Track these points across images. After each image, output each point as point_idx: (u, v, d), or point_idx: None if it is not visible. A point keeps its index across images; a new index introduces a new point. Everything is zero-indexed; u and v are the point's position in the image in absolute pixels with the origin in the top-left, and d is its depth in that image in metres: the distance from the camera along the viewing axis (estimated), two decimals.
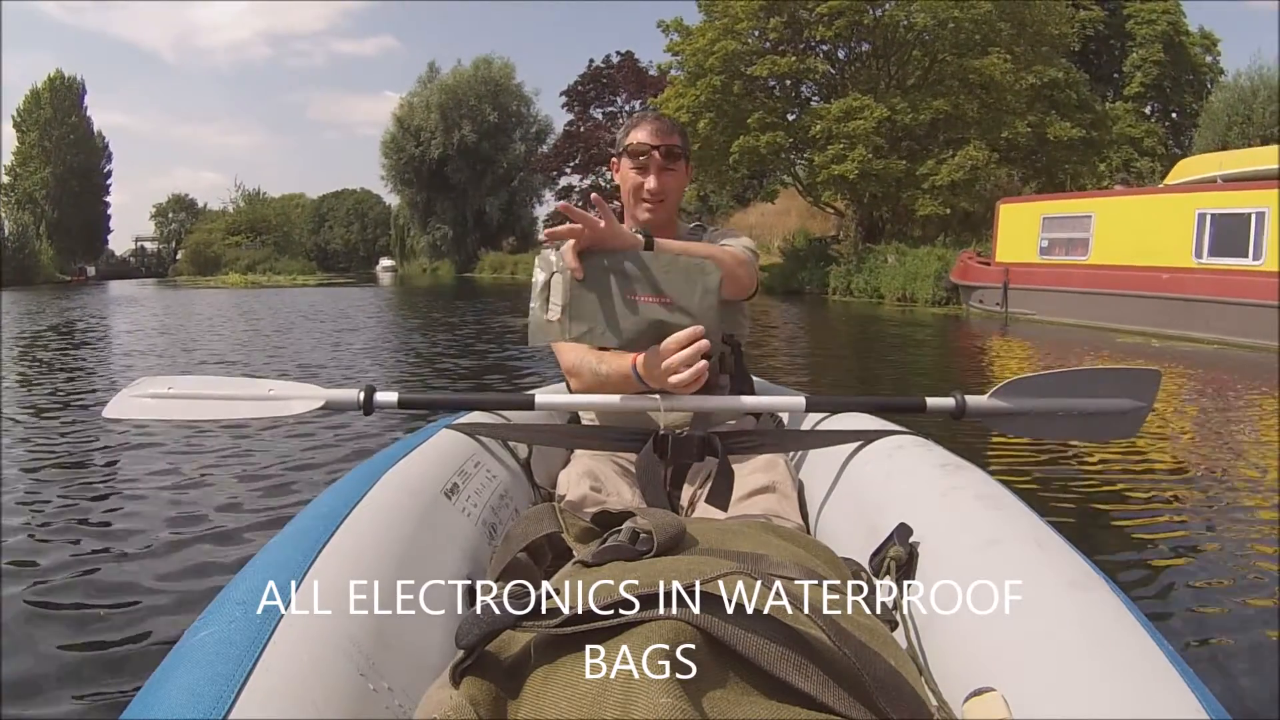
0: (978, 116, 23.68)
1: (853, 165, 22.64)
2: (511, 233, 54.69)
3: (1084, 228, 14.31)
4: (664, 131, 2.01)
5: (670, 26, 27.16)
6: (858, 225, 26.02)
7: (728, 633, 0.73)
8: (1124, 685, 0.83)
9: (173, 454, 4.26)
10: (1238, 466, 4.36)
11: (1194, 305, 11.98)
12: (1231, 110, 28.24)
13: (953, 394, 1.85)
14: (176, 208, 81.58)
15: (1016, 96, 23.74)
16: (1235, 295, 11.46)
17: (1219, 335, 11.45)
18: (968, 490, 1.36)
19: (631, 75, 44.99)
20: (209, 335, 12.59)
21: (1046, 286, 14.54)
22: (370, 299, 25.55)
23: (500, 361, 9.12)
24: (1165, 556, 2.96)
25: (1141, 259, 13.00)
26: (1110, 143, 29.29)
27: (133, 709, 0.75)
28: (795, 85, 26.87)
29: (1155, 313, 12.53)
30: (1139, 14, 34.40)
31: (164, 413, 1.79)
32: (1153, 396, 1.85)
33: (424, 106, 52.85)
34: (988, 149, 23.12)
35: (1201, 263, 12.21)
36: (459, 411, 1.93)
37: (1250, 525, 3.36)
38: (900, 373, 8.90)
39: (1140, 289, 12.81)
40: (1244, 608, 2.52)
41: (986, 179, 23.98)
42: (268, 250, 65.05)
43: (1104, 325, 13.13)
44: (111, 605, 2.41)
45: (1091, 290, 13.63)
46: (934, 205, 22.87)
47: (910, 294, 19.97)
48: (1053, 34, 24.63)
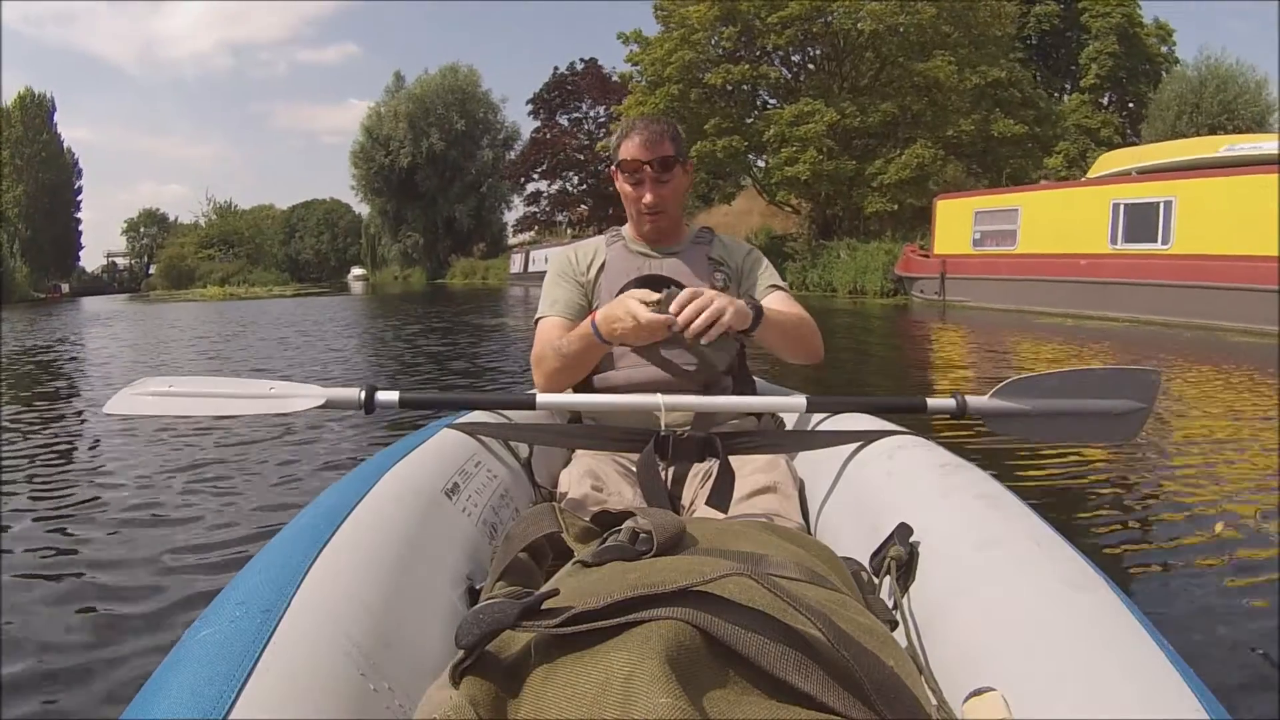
0: (924, 117, 24.76)
1: (804, 167, 23.76)
2: (482, 238, 55.18)
3: (1012, 220, 15.45)
4: (654, 142, 1.98)
5: (630, 38, 28.10)
6: (811, 223, 27.01)
7: (728, 633, 0.74)
8: (1124, 685, 0.83)
9: (173, 454, 4.23)
10: (1236, 466, 4.35)
11: (1108, 288, 13.05)
12: (1180, 100, 28.98)
13: (953, 394, 1.86)
14: (148, 222, 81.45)
15: (961, 96, 24.79)
16: (1145, 277, 12.51)
17: (1130, 314, 12.50)
18: (968, 490, 1.36)
19: (596, 82, 45.77)
20: (232, 345, 12.40)
21: (979, 275, 15.67)
22: (357, 306, 25.77)
23: (494, 351, 9.79)
24: (1165, 556, 2.95)
25: (1062, 247, 14.13)
26: (1056, 137, 30.23)
27: (133, 709, 0.76)
28: (752, 91, 27.84)
29: (1074, 296, 13.61)
30: (1093, 7, 35.06)
31: (164, 410, 1.80)
32: (1153, 397, 1.86)
33: (392, 116, 53.22)
34: (934, 147, 24.17)
35: (1116, 249, 13.31)
36: (459, 411, 1.93)
37: (1250, 524, 3.31)
38: (857, 357, 9.16)
39: (1061, 274, 13.92)
40: (1244, 607, 2.51)
41: (936, 176, 24.86)
42: (240, 263, 65.42)
43: (1030, 309, 14.20)
44: (111, 605, 2.39)
45: (1018, 277, 14.74)
46: (882, 203, 24.00)
47: (861, 287, 21.05)
48: (996, 35, 25.68)
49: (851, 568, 1.21)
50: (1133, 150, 16.92)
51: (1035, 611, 0.98)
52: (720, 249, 2.14)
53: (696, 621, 0.74)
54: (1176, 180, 12.80)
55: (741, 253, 2.17)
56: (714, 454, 1.63)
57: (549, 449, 2.01)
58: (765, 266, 2.17)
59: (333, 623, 0.92)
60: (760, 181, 28.32)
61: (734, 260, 2.14)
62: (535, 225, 49.41)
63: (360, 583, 1.02)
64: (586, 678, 0.70)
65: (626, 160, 1.99)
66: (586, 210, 46.93)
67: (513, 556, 1.19)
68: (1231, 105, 28.30)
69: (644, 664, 0.68)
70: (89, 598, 2.46)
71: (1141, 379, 1.86)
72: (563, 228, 47.53)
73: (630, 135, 2.00)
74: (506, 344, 10.96)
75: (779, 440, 1.90)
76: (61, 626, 2.27)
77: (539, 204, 49.20)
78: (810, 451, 1.89)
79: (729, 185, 30.38)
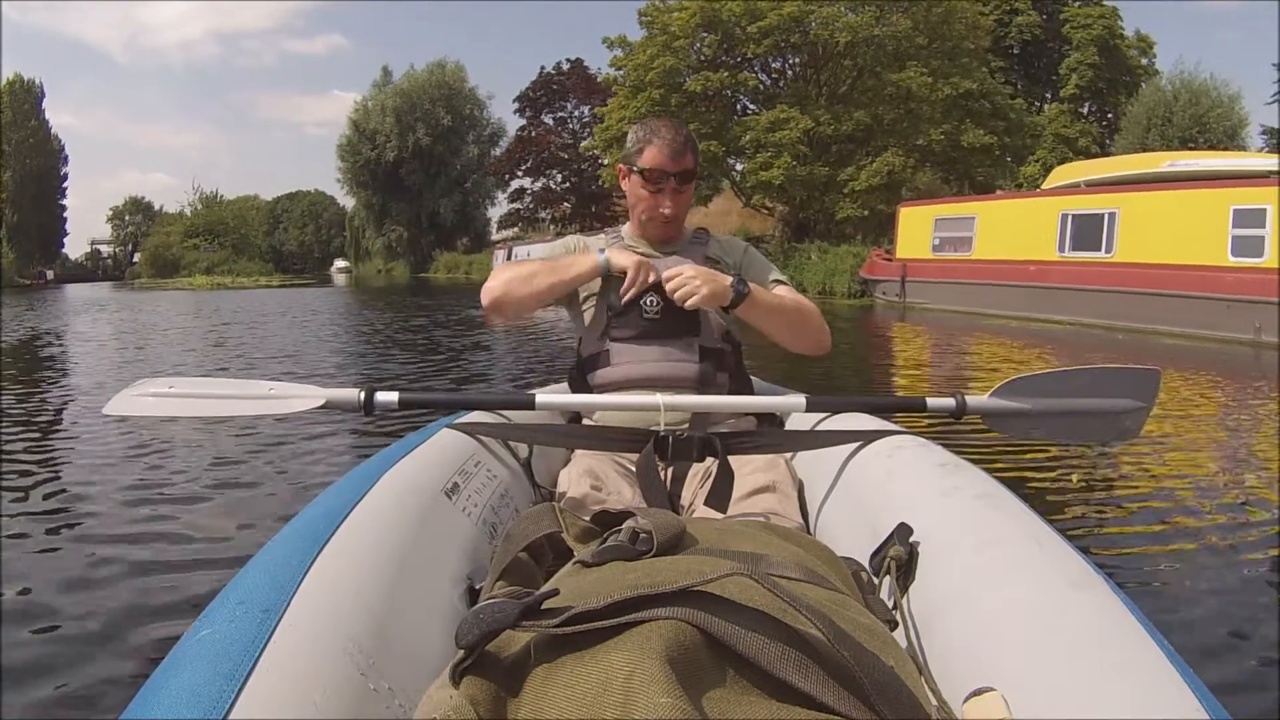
0: (896, 126, 25.53)
1: (779, 172, 24.53)
2: (465, 233, 55.63)
3: (968, 228, 16.27)
4: (678, 153, 1.98)
5: (614, 43, 28.78)
6: (784, 225, 27.75)
7: (728, 632, 0.74)
8: (1124, 685, 0.83)
9: (173, 454, 4.19)
10: (1234, 465, 4.41)
11: (1055, 292, 13.82)
12: (1152, 114, 29.62)
13: (953, 394, 1.86)
14: (133, 210, 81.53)
15: (933, 106, 25.49)
16: (1089, 283, 13.28)
17: (1075, 318, 13.25)
18: (968, 490, 1.37)
19: (581, 82, 46.31)
20: (252, 334, 12.89)
21: (937, 279, 16.49)
22: (348, 298, 26.09)
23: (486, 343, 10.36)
24: (1165, 556, 2.95)
25: (1014, 254, 14.93)
26: (1026, 147, 31.00)
27: (132, 709, 0.76)
28: (731, 97, 28.53)
29: (1024, 299, 14.40)
30: (1075, 18, 35.90)
31: (164, 411, 1.81)
32: (1153, 396, 1.85)
33: (379, 110, 53.58)
34: (904, 155, 25.01)
35: (1063, 256, 14.06)
36: (459, 411, 1.93)
37: (1249, 524, 3.33)
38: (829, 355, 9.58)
39: (1012, 279, 14.72)
40: (1244, 607, 2.51)
41: (910, 183, 25.74)
42: (226, 253, 65.48)
43: (983, 311, 14.97)
44: (110, 605, 2.38)
45: (973, 281, 15.55)
46: (853, 208, 24.79)
47: (830, 288, 21.73)
48: (969, 48, 26.49)
49: (851, 567, 1.21)
50: (1083, 164, 17.89)
51: (1035, 611, 0.98)
52: (717, 248, 2.16)
53: (697, 621, 0.74)
54: (1121, 193, 13.57)
55: (738, 250, 2.20)
56: (713, 454, 1.63)
57: (549, 449, 2.00)
58: (764, 263, 2.20)
59: (333, 622, 0.92)
60: (737, 184, 29.04)
61: (731, 258, 2.15)
62: (519, 222, 50.00)
63: (360, 582, 1.02)
64: (587, 678, 0.70)
65: (650, 169, 1.99)
66: (569, 208, 47.48)
67: (513, 556, 1.19)
68: (1204, 119, 28.91)
69: (644, 664, 0.68)
70: (90, 597, 2.44)
71: (1141, 377, 1.85)
72: (545, 225, 48.14)
73: (653, 142, 1.99)
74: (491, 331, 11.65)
75: (778, 440, 1.91)
76: (61, 626, 2.27)
77: (523, 201, 49.79)
78: (810, 451, 1.89)
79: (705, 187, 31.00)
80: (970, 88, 26.63)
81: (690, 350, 1.95)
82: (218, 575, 2.52)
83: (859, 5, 25.49)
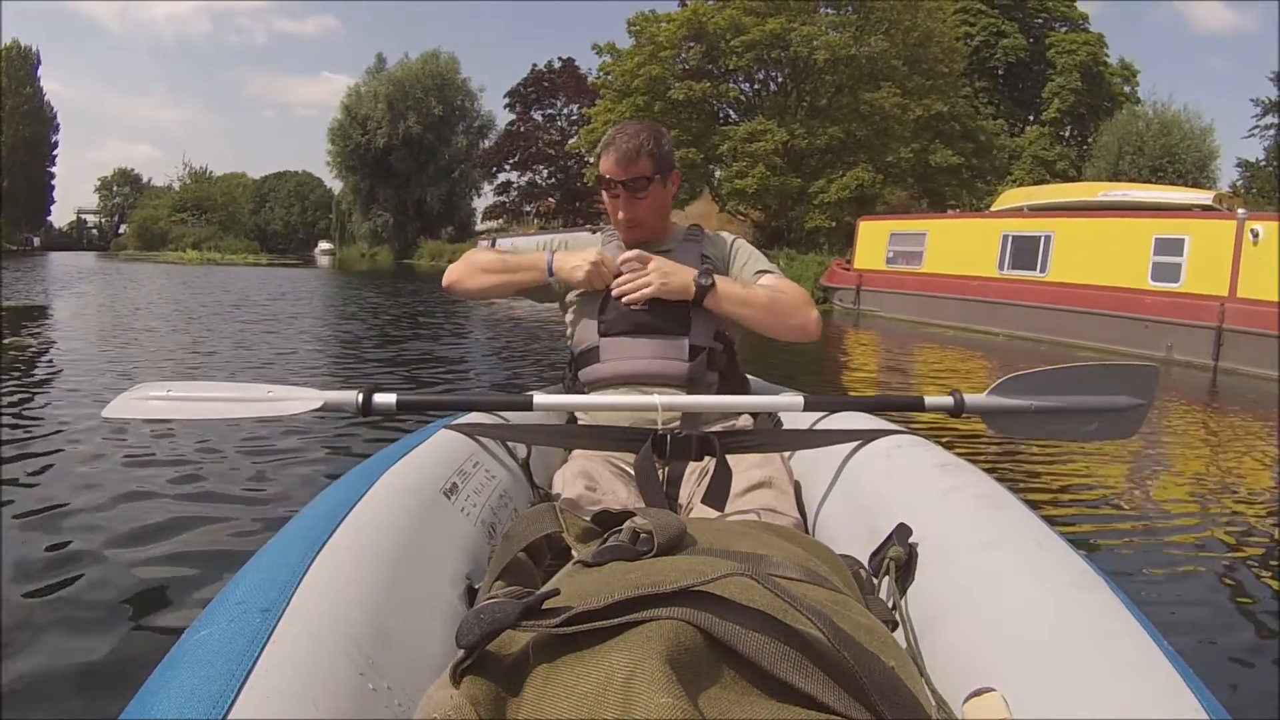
0: (867, 142, 26.46)
1: (753, 180, 25.54)
2: (450, 222, 55.79)
3: (919, 243, 17.32)
4: (628, 161, 1.95)
5: (604, 49, 29.49)
6: (758, 231, 28.53)
7: (728, 632, 0.74)
8: (1124, 685, 0.83)
9: (172, 454, 4.05)
10: (1233, 465, 4.43)
11: (994, 306, 14.86)
12: (1124, 142, 30.38)
13: (951, 392, 1.84)
14: (121, 181, 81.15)
15: (904, 126, 26.42)
16: (1024, 299, 14.29)
17: (1009, 330, 14.31)
18: (967, 490, 1.36)
19: (572, 81, 46.61)
20: (289, 306, 13.66)
21: (889, 289, 17.54)
22: (344, 280, 26.21)
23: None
24: (1164, 556, 2.94)
25: (959, 269, 16.01)
26: (995, 169, 31.96)
27: (132, 709, 0.75)
28: (714, 107, 29.35)
29: (965, 311, 15.45)
30: (1060, 43, 36.64)
31: (163, 414, 1.81)
32: (1152, 393, 1.83)
33: (372, 96, 53.67)
34: (873, 171, 25.99)
35: (1002, 273, 15.14)
36: (457, 412, 1.91)
37: (1249, 527, 3.32)
38: (787, 353, 9.15)
39: (956, 293, 15.77)
40: (1244, 607, 2.51)
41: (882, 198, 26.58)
42: (213, 229, 65.46)
43: (929, 320, 16.02)
44: (110, 605, 2.36)
45: (921, 293, 16.61)
46: (822, 219, 25.78)
47: None
48: (944, 71, 27.50)
49: (851, 567, 1.20)
50: (1028, 190, 19.11)
51: (1035, 611, 0.98)
52: (709, 245, 2.14)
53: (697, 621, 0.74)
54: (1056, 218, 14.66)
55: (726, 244, 2.19)
56: (711, 453, 1.61)
57: (548, 449, 1.99)
58: (750, 253, 2.18)
59: (332, 623, 0.91)
60: (714, 190, 29.83)
61: (721, 253, 2.15)
62: (504, 214, 50.25)
63: (360, 583, 1.01)
64: (587, 677, 0.70)
65: (601, 176, 1.99)
66: (554, 203, 48.04)
67: (512, 556, 1.17)
68: (1174, 149, 29.78)
69: (644, 664, 0.68)
70: (89, 597, 2.40)
71: (1139, 374, 1.83)
72: (530, 218, 48.61)
73: (608, 150, 1.98)
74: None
75: (776, 439, 1.89)
76: (60, 625, 2.22)
77: (508, 194, 50.14)
78: (808, 451, 1.87)
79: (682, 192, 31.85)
80: (941, 109, 27.47)
81: (679, 348, 1.94)
82: (217, 575, 2.51)
83: (840, 25, 26.43)
